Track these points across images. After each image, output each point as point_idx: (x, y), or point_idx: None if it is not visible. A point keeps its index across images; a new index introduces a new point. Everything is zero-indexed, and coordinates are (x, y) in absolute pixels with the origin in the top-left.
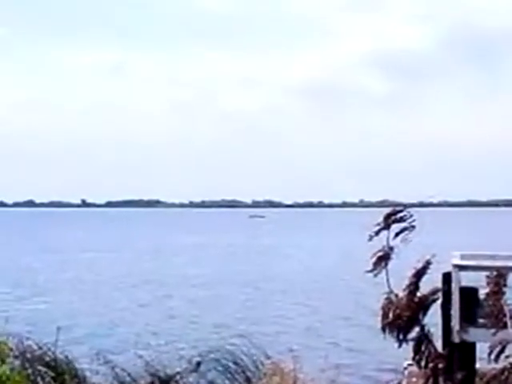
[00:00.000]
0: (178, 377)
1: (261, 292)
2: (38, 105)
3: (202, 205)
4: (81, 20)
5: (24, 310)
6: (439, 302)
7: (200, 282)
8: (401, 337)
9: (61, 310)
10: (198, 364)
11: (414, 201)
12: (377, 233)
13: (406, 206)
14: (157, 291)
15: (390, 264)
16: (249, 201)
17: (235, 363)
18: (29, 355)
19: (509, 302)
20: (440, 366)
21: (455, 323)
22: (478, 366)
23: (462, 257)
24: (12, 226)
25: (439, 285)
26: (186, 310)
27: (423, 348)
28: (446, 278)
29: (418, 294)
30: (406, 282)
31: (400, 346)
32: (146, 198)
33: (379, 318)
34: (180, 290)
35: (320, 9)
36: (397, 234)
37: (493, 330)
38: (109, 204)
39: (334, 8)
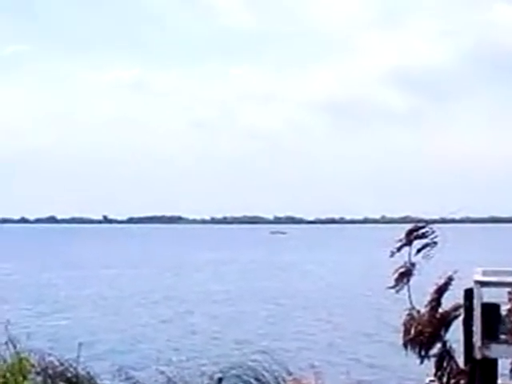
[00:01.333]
0: None
1: (282, 308)
2: (59, 121)
3: (224, 221)
4: (102, 36)
5: (46, 326)
6: (461, 318)
7: (221, 298)
8: (423, 353)
9: (82, 326)
10: (220, 380)
11: (436, 217)
12: (399, 249)
13: (427, 222)
14: (178, 307)
15: (412, 280)
16: (270, 217)
17: (257, 379)
18: (50, 371)
19: None
20: (462, 382)
21: (477, 339)
22: (499, 382)
23: (484, 273)
24: (34, 242)
25: (461, 301)
26: (207, 326)
27: (445, 364)
28: (468, 294)
29: (440, 310)
30: (428, 298)
31: (422, 362)
32: (167, 214)
33: (401, 334)
34: (201, 306)
35: (342, 25)
36: (419, 250)
37: None
38: (130, 220)
39: (356, 24)
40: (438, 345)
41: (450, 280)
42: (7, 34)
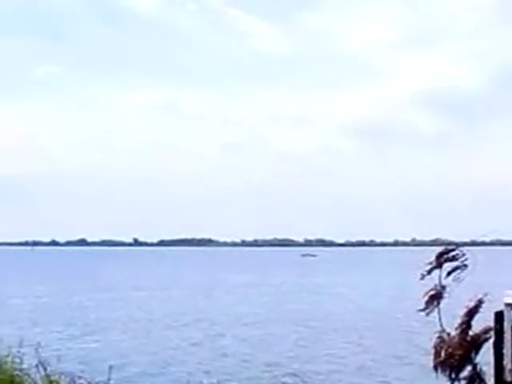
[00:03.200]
0: None
1: (313, 331)
2: (90, 143)
3: (254, 244)
4: (133, 59)
5: (76, 349)
6: (491, 340)
7: (252, 321)
8: (453, 376)
9: (113, 349)
10: None
11: (467, 240)
12: (429, 271)
13: (458, 244)
14: (209, 330)
15: (442, 303)
16: (301, 240)
17: None
18: None
19: None
20: None
21: (507, 362)
22: None
23: None
24: (64, 264)
25: (491, 324)
26: (237, 349)
27: None
28: (498, 316)
29: (471, 333)
30: (459, 320)
31: None
32: (198, 236)
33: (431, 357)
34: (232, 329)
35: (372, 48)
36: (449, 273)
37: None
38: (161, 243)
39: (385, 47)
40: (469, 367)
41: (480, 303)
42: (39, 56)
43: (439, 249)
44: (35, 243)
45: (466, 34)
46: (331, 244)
